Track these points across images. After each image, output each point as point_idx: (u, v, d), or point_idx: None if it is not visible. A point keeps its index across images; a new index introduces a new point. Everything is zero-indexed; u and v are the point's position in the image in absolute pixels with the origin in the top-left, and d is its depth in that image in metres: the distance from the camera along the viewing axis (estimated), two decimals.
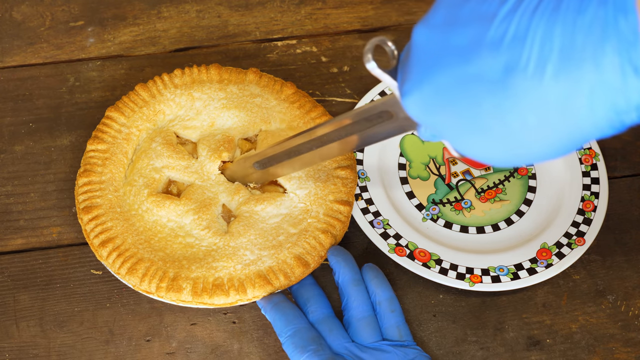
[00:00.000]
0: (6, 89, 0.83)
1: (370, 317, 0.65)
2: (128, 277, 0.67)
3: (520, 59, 0.40)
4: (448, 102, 0.45)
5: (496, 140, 0.45)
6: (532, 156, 0.45)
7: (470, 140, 0.46)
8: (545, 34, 0.40)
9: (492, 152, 0.46)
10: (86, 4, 0.89)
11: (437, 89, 0.45)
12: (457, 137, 0.47)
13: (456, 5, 0.43)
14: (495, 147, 0.45)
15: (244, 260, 0.67)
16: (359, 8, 0.90)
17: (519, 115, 0.42)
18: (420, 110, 0.47)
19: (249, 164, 0.70)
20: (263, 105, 0.76)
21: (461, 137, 0.47)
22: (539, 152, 0.45)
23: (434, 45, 0.45)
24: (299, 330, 0.63)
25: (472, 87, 0.43)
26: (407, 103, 0.48)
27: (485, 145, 0.46)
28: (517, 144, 0.44)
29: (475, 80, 0.43)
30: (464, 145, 0.47)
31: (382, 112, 0.56)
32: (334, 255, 0.68)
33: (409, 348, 0.64)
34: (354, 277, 0.66)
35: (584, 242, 0.71)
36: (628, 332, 0.69)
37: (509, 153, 0.45)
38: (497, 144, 0.45)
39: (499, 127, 0.43)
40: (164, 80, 0.77)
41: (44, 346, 0.68)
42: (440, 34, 0.44)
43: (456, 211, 0.75)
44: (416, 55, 0.46)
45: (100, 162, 0.72)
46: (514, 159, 0.46)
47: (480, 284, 0.69)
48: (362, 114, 0.58)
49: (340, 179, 0.72)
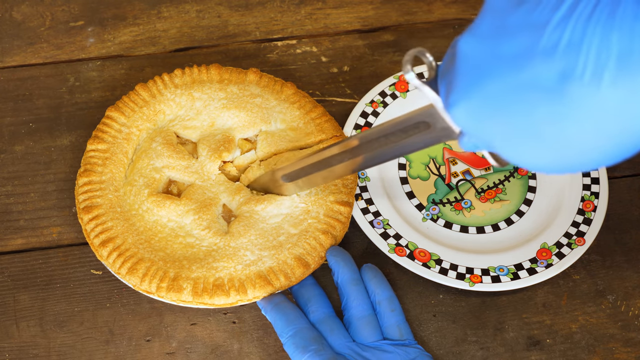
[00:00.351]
0: (6, 89, 0.83)
1: (371, 316, 0.65)
2: (128, 277, 0.67)
3: (577, 66, 0.40)
4: (499, 110, 0.45)
5: (549, 147, 0.45)
6: (585, 163, 0.45)
7: (521, 147, 0.46)
8: (602, 41, 0.40)
9: (543, 160, 0.46)
10: (86, 4, 0.89)
11: (487, 97, 0.45)
12: (506, 145, 0.47)
13: (504, 14, 0.44)
14: (546, 154, 0.45)
15: (245, 261, 0.67)
16: (359, 8, 0.90)
17: (575, 122, 0.42)
18: (469, 119, 0.47)
19: (277, 177, 0.70)
20: (263, 106, 0.76)
21: (511, 145, 0.46)
22: (591, 159, 0.44)
23: (481, 54, 0.45)
24: (300, 330, 0.63)
25: (525, 94, 0.43)
26: (455, 112, 0.48)
27: (537, 152, 0.46)
28: (570, 151, 0.44)
29: (528, 88, 0.43)
30: (513, 153, 0.47)
31: (418, 123, 0.56)
32: (333, 255, 0.68)
33: (411, 347, 0.64)
34: (353, 276, 0.66)
35: (584, 242, 0.71)
36: (628, 332, 0.69)
37: (561, 160, 0.45)
38: (549, 151, 0.45)
39: (553, 134, 0.43)
40: (164, 80, 0.77)
41: (44, 346, 0.68)
42: (488, 43, 0.44)
43: (456, 211, 0.75)
44: (463, 64, 0.46)
45: (100, 162, 0.72)
46: (565, 166, 0.46)
47: (480, 284, 0.69)
48: (398, 125, 0.58)
49: (341, 179, 0.72)
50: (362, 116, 0.78)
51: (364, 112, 0.79)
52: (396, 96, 0.80)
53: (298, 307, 0.67)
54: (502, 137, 0.46)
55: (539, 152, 0.45)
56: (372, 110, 0.79)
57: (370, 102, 0.79)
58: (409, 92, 0.80)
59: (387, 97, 0.80)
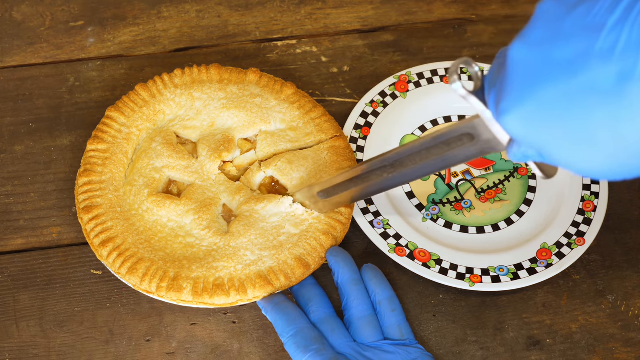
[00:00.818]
0: (6, 89, 0.83)
1: (371, 316, 0.65)
2: (128, 277, 0.67)
3: (636, 67, 0.40)
4: (554, 115, 0.45)
5: (604, 151, 0.44)
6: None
7: (576, 153, 0.46)
8: None
9: (598, 164, 0.46)
10: (86, 4, 0.89)
11: (542, 103, 0.45)
12: (560, 151, 0.47)
13: (556, 19, 0.44)
14: (602, 158, 0.45)
15: (245, 261, 0.67)
16: (359, 8, 0.90)
17: (634, 125, 0.42)
18: (522, 126, 0.47)
19: (314, 193, 0.69)
20: (263, 106, 0.76)
21: (565, 150, 0.46)
22: None
23: (534, 60, 0.45)
24: (301, 330, 0.63)
25: (581, 98, 0.43)
26: (507, 119, 0.47)
27: (592, 157, 0.45)
28: (627, 154, 0.44)
29: (585, 92, 0.42)
30: (566, 159, 0.47)
31: (462, 135, 0.56)
32: (333, 255, 0.68)
33: (412, 347, 0.64)
34: (353, 276, 0.66)
35: (584, 242, 0.71)
36: (628, 332, 0.69)
37: (617, 165, 0.45)
38: (604, 155, 0.45)
39: (611, 138, 0.43)
40: (164, 80, 0.77)
41: (44, 346, 0.68)
42: (540, 49, 0.44)
43: (456, 211, 0.75)
44: (514, 72, 0.46)
45: (100, 162, 0.72)
46: (620, 171, 0.46)
47: (480, 284, 0.69)
48: (440, 137, 0.57)
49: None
50: (362, 116, 0.78)
51: (364, 112, 0.79)
52: (396, 96, 0.80)
53: (299, 307, 0.67)
54: (557, 143, 0.46)
55: (594, 156, 0.45)
56: (372, 110, 0.79)
57: (370, 102, 0.79)
58: (409, 92, 0.80)
59: (387, 97, 0.80)
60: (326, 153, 0.74)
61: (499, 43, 0.87)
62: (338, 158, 0.74)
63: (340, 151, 0.74)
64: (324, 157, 0.74)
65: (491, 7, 0.90)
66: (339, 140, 0.75)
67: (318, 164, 0.73)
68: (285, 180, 0.73)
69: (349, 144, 0.76)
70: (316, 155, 0.74)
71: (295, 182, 0.72)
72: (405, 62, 0.85)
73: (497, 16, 0.89)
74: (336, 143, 0.75)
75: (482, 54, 0.86)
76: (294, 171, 0.73)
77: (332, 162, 0.73)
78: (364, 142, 0.77)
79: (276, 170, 0.73)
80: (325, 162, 0.73)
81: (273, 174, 0.73)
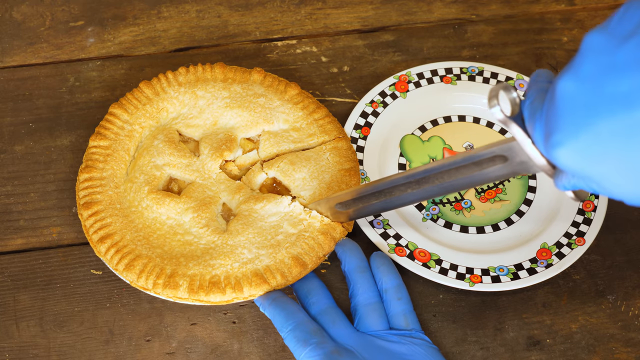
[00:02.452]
0: (6, 89, 0.83)
1: (377, 304, 0.65)
2: (125, 273, 0.67)
3: None
4: (611, 149, 0.44)
5: None
6: None
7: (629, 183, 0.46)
8: None
9: None
10: (86, 4, 0.89)
11: (597, 137, 0.45)
12: (613, 182, 0.46)
13: (607, 53, 0.44)
14: None
15: (242, 259, 0.67)
16: (359, 8, 0.90)
17: None
18: (575, 160, 0.47)
19: (332, 205, 0.69)
20: (266, 106, 0.76)
21: (619, 181, 0.46)
22: None
23: (587, 95, 0.45)
24: (300, 323, 0.63)
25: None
26: (560, 153, 0.47)
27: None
28: None
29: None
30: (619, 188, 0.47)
31: (495, 157, 0.56)
32: (341, 245, 0.68)
33: (417, 338, 0.64)
34: (360, 264, 0.67)
35: (584, 242, 0.71)
36: (628, 332, 0.69)
37: None
38: None
39: None
40: (168, 78, 0.77)
41: (44, 346, 0.68)
42: (593, 83, 0.44)
43: (456, 211, 0.75)
44: (566, 106, 0.46)
45: (101, 159, 0.72)
46: None
47: (480, 284, 0.69)
48: (472, 158, 0.57)
49: (344, 181, 0.72)
50: (362, 116, 0.78)
51: (364, 112, 0.79)
52: (396, 96, 0.80)
53: (298, 300, 0.67)
54: (611, 175, 0.46)
55: None
56: (372, 110, 0.79)
57: (370, 102, 0.79)
58: (409, 92, 0.80)
59: (387, 97, 0.80)
60: (328, 154, 0.74)
61: (499, 43, 0.87)
62: (340, 159, 0.74)
63: (343, 152, 0.74)
64: (326, 158, 0.74)
65: (491, 7, 0.90)
66: (342, 141, 0.75)
67: (320, 165, 0.73)
68: (287, 182, 0.73)
69: (351, 144, 0.76)
70: (318, 156, 0.74)
71: (298, 183, 0.72)
72: (405, 62, 0.85)
73: (497, 16, 0.89)
74: (338, 144, 0.75)
75: (482, 54, 0.86)
76: (296, 172, 0.73)
77: (334, 163, 0.73)
78: (364, 142, 0.77)
79: (278, 171, 0.73)
80: (327, 163, 0.74)
81: (275, 175, 0.73)
